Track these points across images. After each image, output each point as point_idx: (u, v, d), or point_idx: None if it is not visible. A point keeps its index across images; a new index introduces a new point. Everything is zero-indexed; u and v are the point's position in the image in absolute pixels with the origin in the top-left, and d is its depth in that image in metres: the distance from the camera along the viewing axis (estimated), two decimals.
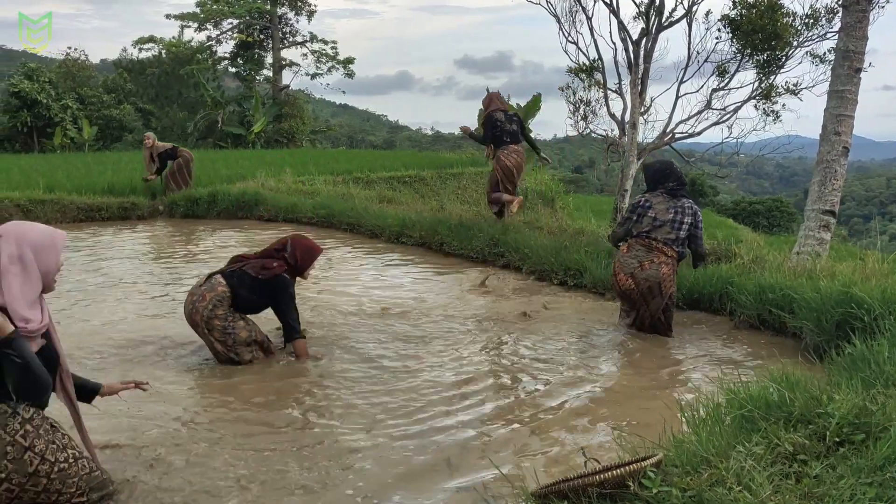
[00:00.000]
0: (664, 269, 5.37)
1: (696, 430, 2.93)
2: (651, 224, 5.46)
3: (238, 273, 4.78)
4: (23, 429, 2.63)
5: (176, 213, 12.58)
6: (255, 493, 3.12)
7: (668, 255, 5.40)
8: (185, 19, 39.39)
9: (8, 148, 29.44)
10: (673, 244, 5.40)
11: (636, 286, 5.39)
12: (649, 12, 14.32)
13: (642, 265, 5.39)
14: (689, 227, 5.45)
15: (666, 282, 5.37)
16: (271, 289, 4.77)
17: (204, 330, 4.72)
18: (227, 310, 4.71)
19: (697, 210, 5.54)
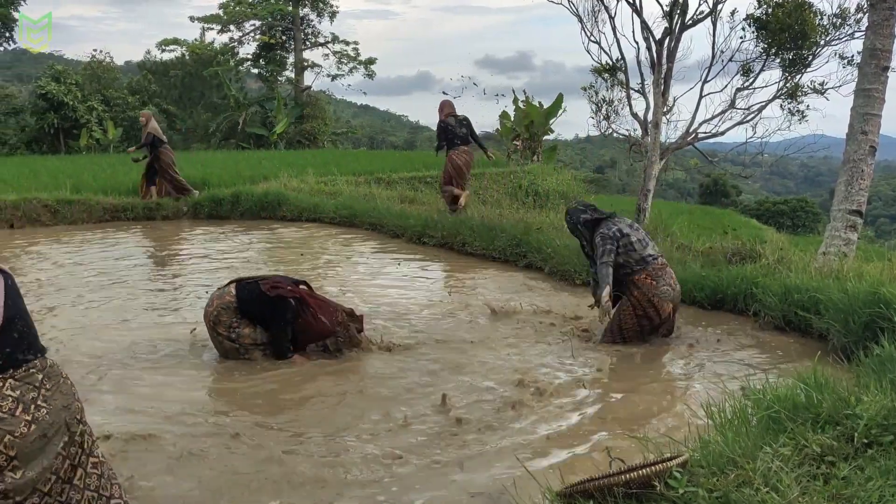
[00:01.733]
0: (677, 285, 5.44)
1: (723, 431, 2.91)
2: (642, 246, 5.39)
3: (249, 285, 4.83)
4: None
5: (200, 214, 12.69)
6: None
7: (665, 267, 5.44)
8: (208, 21, 39.68)
9: (35, 149, 29.82)
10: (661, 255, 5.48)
11: (675, 307, 5.42)
12: (673, 11, 14.21)
13: (671, 286, 5.36)
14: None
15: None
16: (272, 307, 4.76)
17: (211, 332, 4.82)
18: (232, 317, 4.77)
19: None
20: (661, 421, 3.90)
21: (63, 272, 7.94)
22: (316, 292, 5.12)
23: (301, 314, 4.81)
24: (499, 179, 18.28)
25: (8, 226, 11.17)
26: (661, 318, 5.32)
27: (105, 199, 12.35)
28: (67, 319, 5.94)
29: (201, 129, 38.19)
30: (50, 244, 9.80)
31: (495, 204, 12.28)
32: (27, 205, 11.53)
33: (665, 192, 53.49)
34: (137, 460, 3.41)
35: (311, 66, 40.27)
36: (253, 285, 4.81)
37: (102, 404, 4.10)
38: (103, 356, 4.93)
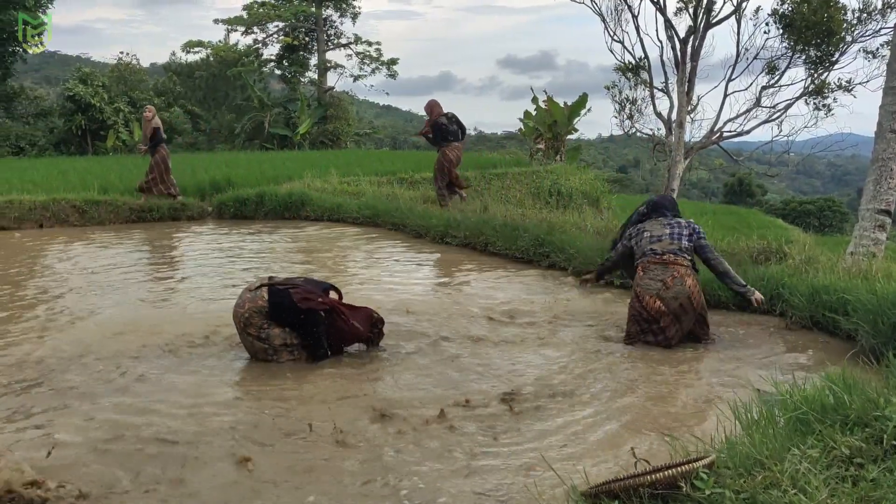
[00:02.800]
0: (688, 280, 5.18)
1: (749, 432, 2.89)
2: (650, 241, 5.36)
3: (282, 293, 4.80)
4: None
5: (225, 214, 12.81)
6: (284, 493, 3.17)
7: (685, 266, 5.23)
8: (232, 23, 40.05)
9: (63, 150, 30.28)
10: (681, 253, 5.26)
11: (666, 307, 5.16)
12: (697, 10, 14.12)
13: (665, 283, 5.19)
14: (692, 238, 5.32)
15: (694, 293, 5.19)
16: (303, 318, 4.78)
17: (242, 332, 4.84)
18: (263, 320, 4.78)
19: (697, 227, 5.42)
20: (687, 421, 3.87)
21: (90, 271, 8.06)
22: (343, 299, 5.11)
23: (333, 322, 4.85)
24: (521, 179, 18.27)
25: (37, 226, 11.36)
26: (649, 313, 5.20)
27: (131, 200, 12.51)
28: (93, 317, 6.02)
29: (225, 130, 38.56)
30: (79, 244, 9.94)
31: (518, 204, 12.28)
32: (56, 205, 11.71)
33: (689, 192, 53.16)
34: (160, 458, 3.45)
35: (333, 67, 40.50)
36: (285, 294, 4.79)
37: (127, 401, 4.15)
38: (129, 354, 4.99)
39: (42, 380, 4.50)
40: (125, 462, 3.40)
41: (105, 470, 3.32)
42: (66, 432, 3.72)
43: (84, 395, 4.26)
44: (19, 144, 30.26)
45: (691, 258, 5.32)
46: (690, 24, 14.39)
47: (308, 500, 3.11)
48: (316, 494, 3.14)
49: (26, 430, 3.75)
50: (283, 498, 3.12)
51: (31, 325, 5.81)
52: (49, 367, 4.72)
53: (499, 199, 12.92)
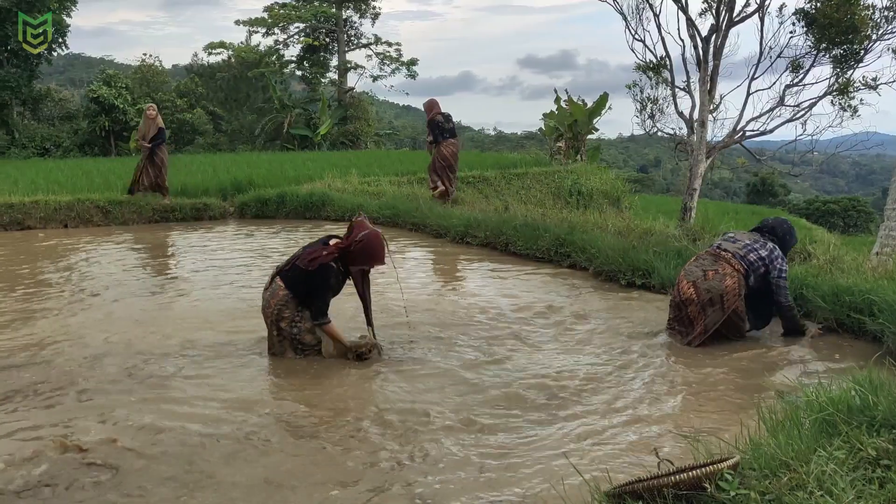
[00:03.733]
0: (728, 280, 5.13)
1: (775, 433, 2.86)
2: (724, 239, 5.40)
3: (291, 271, 4.84)
4: None
5: (247, 214, 12.90)
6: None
7: (734, 268, 5.16)
8: (253, 24, 40.32)
9: (87, 151, 30.61)
10: (741, 260, 5.19)
11: (697, 296, 5.16)
12: (719, 8, 14.00)
13: (706, 274, 5.19)
14: (762, 262, 5.19)
15: (729, 295, 5.12)
16: (317, 277, 4.76)
17: (273, 329, 4.86)
18: (294, 310, 4.80)
19: (778, 255, 5.24)
20: (710, 422, 3.85)
21: (116, 270, 8.15)
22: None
23: (344, 263, 4.85)
24: (542, 179, 18.24)
25: (62, 226, 11.50)
26: (681, 298, 5.25)
27: (154, 200, 12.63)
28: (118, 316, 6.08)
29: (247, 131, 38.82)
30: (102, 243, 10.06)
31: (538, 203, 12.25)
32: (80, 205, 11.86)
33: (710, 192, 52.74)
34: (193, 447, 3.49)
35: (354, 68, 40.67)
36: (294, 269, 4.82)
37: (151, 399, 4.19)
38: (154, 352, 5.04)
39: (77, 376, 4.56)
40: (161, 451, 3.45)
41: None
42: (97, 422, 3.77)
43: (122, 390, 4.32)
44: (45, 146, 30.66)
45: (749, 273, 5.19)
46: (713, 23, 14.28)
47: (332, 493, 3.13)
48: (339, 489, 3.16)
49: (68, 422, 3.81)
50: (305, 493, 3.14)
51: (68, 322, 5.89)
52: (85, 363, 4.78)
53: (519, 199, 12.91)
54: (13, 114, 30.82)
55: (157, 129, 12.61)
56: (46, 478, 3.25)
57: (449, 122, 11.89)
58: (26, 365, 4.78)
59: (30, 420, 3.90)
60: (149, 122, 12.67)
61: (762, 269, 5.20)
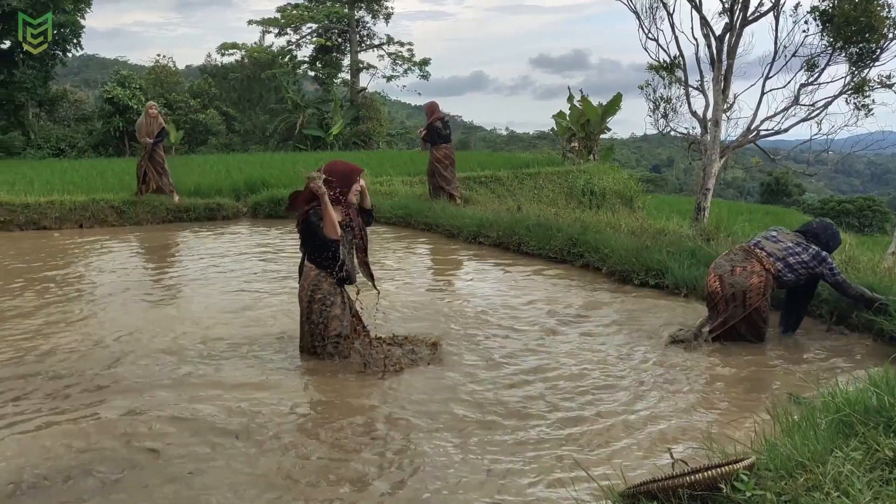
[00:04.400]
0: (754, 279, 5.13)
1: (790, 434, 2.85)
2: (765, 237, 5.37)
3: (308, 248, 4.81)
4: None
5: (259, 214, 12.94)
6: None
7: (764, 267, 5.15)
8: (266, 25, 40.43)
9: (102, 152, 30.77)
10: (777, 260, 5.16)
11: (721, 290, 5.20)
12: (734, 6, 13.93)
13: (734, 269, 5.21)
14: (805, 266, 5.15)
15: (752, 293, 5.11)
16: (310, 229, 4.71)
17: (305, 314, 4.83)
18: (325, 293, 4.77)
19: (824, 256, 5.18)
20: (725, 423, 3.83)
21: (131, 269, 8.21)
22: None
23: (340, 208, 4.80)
24: (554, 179, 18.18)
25: (77, 226, 11.58)
26: (707, 292, 5.33)
27: (168, 200, 12.68)
28: (141, 317, 6.12)
29: (259, 131, 38.92)
30: (116, 243, 10.12)
31: (551, 203, 12.22)
32: (95, 206, 11.93)
33: (724, 192, 52.44)
34: (218, 443, 3.51)
35: (366, 68, 40.67)
36: (309, 246, 4.80)
37: (170, 396, 4.22)
38: (171, 351, 5.07)
39: (98, 374, 4.60)
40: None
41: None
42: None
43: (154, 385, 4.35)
44: (60, 146, 30.87)
45: (781, 269, 5.16)
46: (727, 21, 14.20)
47: (341, 491, 3.14)
48: (350, 487, 3.17)
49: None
50: (317, 492, 3.15)
51: (94, 321, 5.93)
52: (105, 362, 4.82)
53: (531, 199, 12.88)
54: (29, 115, 31.05)
55: (161, 128, 12.66)
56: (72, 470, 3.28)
57: (447, 129, 12.30)
58: (45, 363, 4.83)
59: (53, 416, 3.93)
60: (150, 120, 12.61)
61: (803, 272, 5.17)
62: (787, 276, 5.18)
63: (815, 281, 5.36)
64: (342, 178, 4.81)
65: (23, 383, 4.45)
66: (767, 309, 5.23)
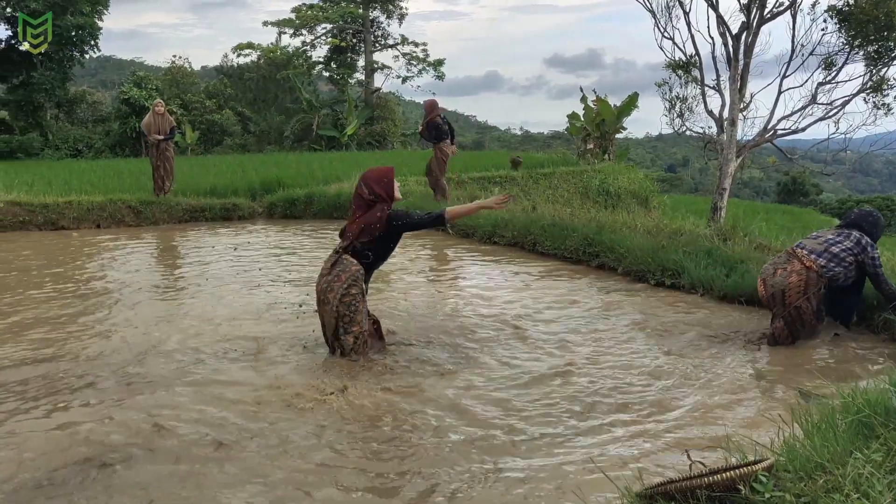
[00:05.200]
0: (793, 278, 5.10)
1: (810, 436, 2.82)
2: (807, 237, 5.36)
3: (360, 247, 4.82)
4: None
5: (275, 214, 13.00)
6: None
7: (804, 265, 5.10)
8: (281, 26, 40.60)
9: (118, 152, 31.04)
10: (818, 256, 5.11)
11: (765, 292, 5.25)
12: (750, 5, 13.84)
13: (776, 272, 5.22)
14: (850, 252, 5.09)
15: (791, 291, 5.08)
16: (392, 233, 4.84)
17: (334, 307, 4.79)
18: (361, 289, 4.81)
19: (867, 242, 5.12)
20: (743, 424, 3.80)
21: (148, 268, 8.27)
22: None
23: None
24: (569, 179, 18.16)
25: (95, 226, 11.67)
26: (760, 296, 5.35)
27: (184, 200, 12.78)
28: (159, 315, 6.17)
29: (275, 132, 39.06)
30: (134, 242, 10.20)
31: (566, 203, 12.20)
32: (112, 206, 12.02)
33: (740, 191, 52.14)
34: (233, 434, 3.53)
35: (380, 68, 40.78)
36: (364, 246, 4.82)
37: (191, 395, 4.25)
38: (191, 349, 5.10)
39: (120, 372, 4.63)
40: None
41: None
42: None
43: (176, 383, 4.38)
44: (77, 147, 31.15)
45: (825, 265, 5.09)
46: (744, 20, 14.10)
47: (353, 496, 3.14)
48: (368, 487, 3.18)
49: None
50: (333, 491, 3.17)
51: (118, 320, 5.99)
52: (126, 360, 4.86)
53: (546, 199, 12.87)
54: (47, 116, 31.35)
55: (171, 126, 12.69)
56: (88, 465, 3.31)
57: (445, 125, 12.49)
58: (61, 361, 4.87)
59: (74, 413, 3.97)
60: (158, 118, 12.61)
61: (850, 259, 5.10)
62: (834, 270, 5.08)
63: (864, 274, 5.23)
64: (384, 180, 4.92)
65: (41, 380, 4.50)
66: (812, 310, 5.12)
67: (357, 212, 4.93)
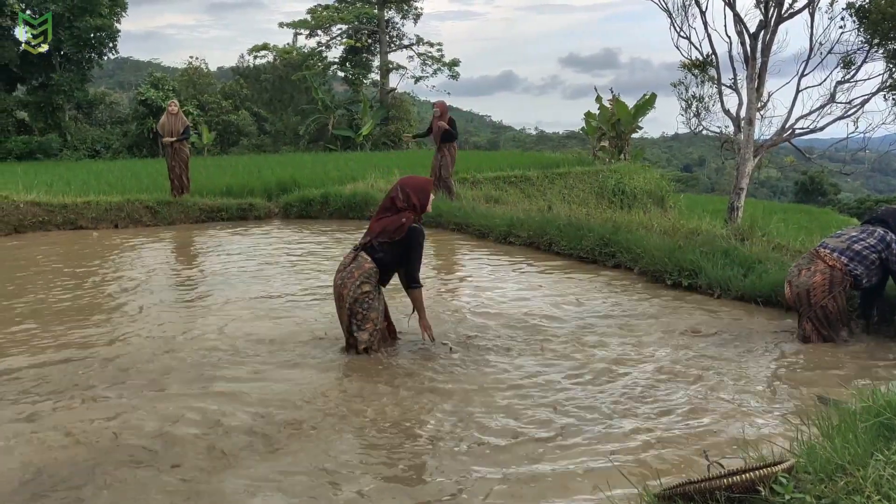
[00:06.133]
0: (817, 277, 5.07)
1: (830, 437, 2.80)
2: (830, 236, 5.33)
3: (377, 245, 4.93)
4: None
5: (290, 214, 13.04)
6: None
7: (828, 265, 5.06)
8: (296, 27, 40.74)
9: (136, 153, 31.28)
10: (841, 254, 5.07)
11: (791, 293, 5.23)
12: (768, 3, 13.73)
13: (800, 272, 5.21)
14: (873, 250, 5.03)
15: (815, 291, 5.06)
16: (407, 243, 4.94)
17: (347, 305, 4.86)
18: (374, 287, 4.90)
19: (892, 240, 5.04)
20: (762, 425, 3.78)
21: (167, 268, 8.33)
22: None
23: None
24: (584, 179, 18.11)
25: (113, 226, 11.77)
26: (786, 297, 5.32)
27: (201, 201, 12.84)
28: (180, 314, 6.21)
29: (290, 132, 39.22)
30: (152, 241, 10.28)
31: (581, 203, 12.17)
32: (130, 206, 12.11)
33: (757, 191, 51.76)
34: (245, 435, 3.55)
35: (396, 69, 40.84)
36: (381, 246, 4.92)
37: (214, 393, 4.27)
38: (213, 349, 5.13)
39: (139, 371, 4.67)
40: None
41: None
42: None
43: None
44: (95, 148, 31.42)
45: (848, 262, 5.04)
46: (761, 19, 14.00)
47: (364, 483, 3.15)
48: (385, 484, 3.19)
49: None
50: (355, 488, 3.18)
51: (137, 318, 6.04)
52: (150, 357, 4.90)
53: (562, 199, 12.84)
54: (66, 117, 31.64)
55: (185, 126, 12.72)
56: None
57: (453, 127, 12.73)
58: (82, 360, 4.92)
59: (97, 409, 4.01)
60: (172, 118, 12.63)
61: (873, 256, 5.04)
62: (857, 270, 5.03)
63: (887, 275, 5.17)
64: (422, 192, 5.08)
65: (60, 377, 4.54)
66: (837, 309, 5.07)
67: (383, 213, 5.05)
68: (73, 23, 29.01)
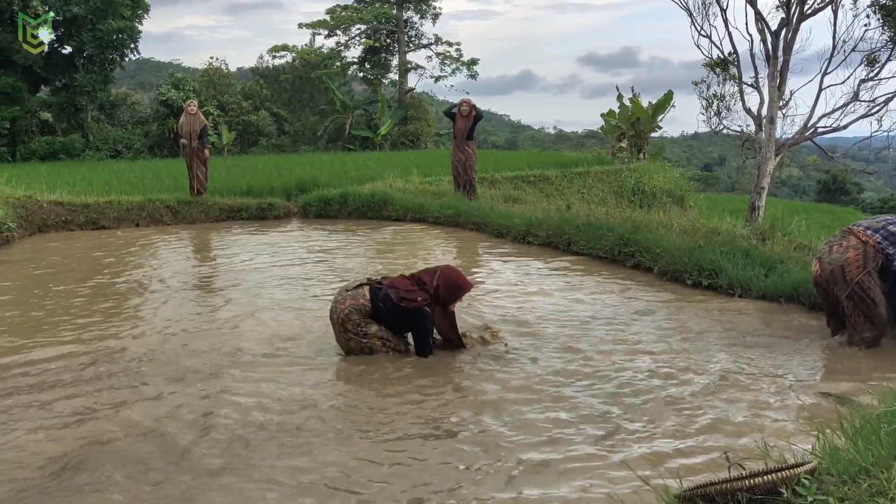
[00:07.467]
0: (850, 253, 4.92)
1: (853, 439, 2.77)
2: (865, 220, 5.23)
3: (383, 293, 4.89)
4: None
5: (309, 214, 13.10)
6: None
7: (861, 240, 4.94)
8: (315, 27, 40.87)
9: (157, 153, 31.53)
10: (875, 231, 4.96)
11: (821, 271, 5.07)
12: (790, 1, 13.58)
13: (832, 248, 5.07)
14: None
15: (850, 266, 4.88)
16: (410, 318, 4.92)
17: (339, 329, 4.92)
18: (363, 319, 4.88)
19: None
20: (784, 427, 3.74)
21: (188, 267, 8.39)
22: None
23: (432, 317, 5.03)
24: (603, 178, 18.03)
25: (134, 225, 11.89)
26: (813, 278, 5.21)
27: (221, 200, 12.94)
28: (200, 313, 6.26)
29: (309, 132, 39.37)
30: (173, 240, 10.37)
31: (600, 202, 12.11)
32: (151, 205, 12.25)
33: (778, 190, 51.24)
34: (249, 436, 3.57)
35: (414, 68, 40.82)
36: (386, 297, 4.88)
37: (234, 391, 4.30)
38: (231, 349, 5.17)
39: (157, 369, 4.72)
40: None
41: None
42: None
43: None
44: (116, 148, 31.71)
45: (880, 240, 4.93)
46: (783, 17, 13.85)
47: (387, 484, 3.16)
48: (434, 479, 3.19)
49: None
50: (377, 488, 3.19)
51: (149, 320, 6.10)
52: (173, 355, 4.95)
53: (581, 199, 12.79)
54: (88, 117, 31.95)
55: (203, 126, 12.75)
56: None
57: (476, 122, 12.81)
58: (107, 355, 4.97)
59: (124, 404, 4.05)
60: (190, 118, 12.69)
61: None
62: (889, 249, 4.91)
63: None
64: (454, 289, 5.02)
65: (81, 373, 4.59)
66: (875, 284, 4.88)
67: (412, 277, 5.05)
68: (95, 25, 29.28)
